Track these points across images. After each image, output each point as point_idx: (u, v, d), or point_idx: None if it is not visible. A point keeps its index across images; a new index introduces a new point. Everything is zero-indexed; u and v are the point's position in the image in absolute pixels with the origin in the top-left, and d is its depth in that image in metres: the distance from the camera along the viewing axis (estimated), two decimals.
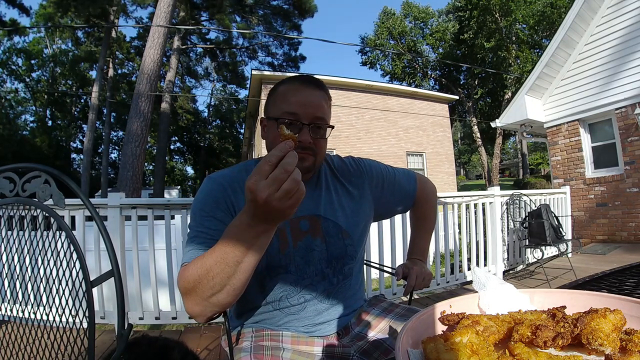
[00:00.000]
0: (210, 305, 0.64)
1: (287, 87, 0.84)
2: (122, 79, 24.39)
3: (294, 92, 0.82)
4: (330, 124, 0.85)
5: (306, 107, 0.80)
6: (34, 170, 0.89)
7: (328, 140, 0.87)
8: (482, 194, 3.83)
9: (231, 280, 0.61)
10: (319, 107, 0.82)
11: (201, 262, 0.63)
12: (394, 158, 12.86)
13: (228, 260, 0.59)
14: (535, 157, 28.09)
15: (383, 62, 25.16)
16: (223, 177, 0.84)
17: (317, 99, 0.82)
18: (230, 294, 0.63)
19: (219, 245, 0.60)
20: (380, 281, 3.00)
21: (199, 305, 0.65)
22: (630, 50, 5.06)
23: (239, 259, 0.59)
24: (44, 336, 0.86)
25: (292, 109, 0.80)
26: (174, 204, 2.54)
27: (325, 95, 0.85)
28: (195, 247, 0.73)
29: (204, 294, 0.63)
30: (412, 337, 0.44)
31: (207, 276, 0.61)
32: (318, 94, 0.83)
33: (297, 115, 0.79)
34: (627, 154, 5.26)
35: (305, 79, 0.85)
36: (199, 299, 0.64)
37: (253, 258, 0.60)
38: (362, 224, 0.92)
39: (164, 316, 2.50)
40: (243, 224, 0.57)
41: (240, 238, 0.58)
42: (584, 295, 0.51)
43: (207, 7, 18.87)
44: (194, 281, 0.63)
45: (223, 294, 0.62)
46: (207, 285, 0.61)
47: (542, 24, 18.00)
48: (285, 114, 0.80)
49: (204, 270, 0.61)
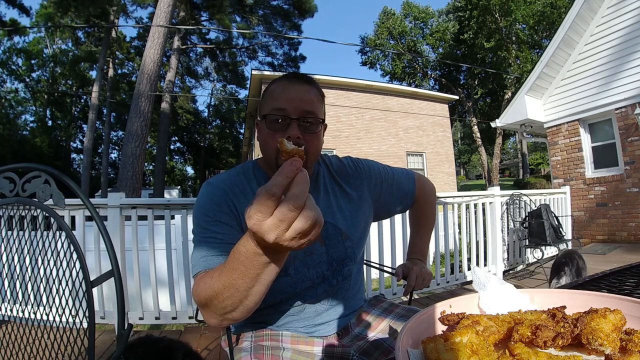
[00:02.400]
0: (226, 320, 0.62)
1: (276, 85, 0.83)
2: (122, 79, 24.38)
3: (282, 89, 0.80)
4: (321, 119, 0.82)
5: (294, 101, 0.78)
6: (34, 170, 0.89)
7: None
8: (482, 194, 3.83)
9: (244, 302, 0.57)
10: (307, 101, 0.79)
11: (210, 284, 0.59)
12: (394, 158, 12.85)
13: (238, 286, 0.55)
14: (535, 157, 28.09)
15: (383, 62, 25.18)
16: (222, 181, 0.83)
17: (307, 94, 0.80)
18: (244, 312, 0.60)
19: (227, 270, 0.55)
20: (380, 281, 3.00)
21: (214, 319, 0.63)
22: (630, 50, 5.06)
23: (249, 285, 0.54)
24: (44, 336, 0.86)
25: (280, 104, 0.78)
26: (174, 204, 2.54)
27: (316, 90, 0.83)
28: (207, 253, 0.71)
29: (216, 312, 0.61)
30: (412, 337, 0.44)
31: (217, 297, 0.58)
32: (307, 88, 0.81)
33: (285, 110, 0.78)
34: (627, 154, 5.26)
35: (294, 76, 0.84)
36: (213, 314, 0.62)
37: (265, 282, 0.54)
38: (361, 226, 0.92)
39: (164, 316, 2.50)
40: (249, 252, 0.50)
41: (249, 266, 0.51)
42: (584, 295, 0.51)
43: (207, 7, 18.85)
44: (205, 299, 0.61)
45: (237, 312, 0.60)
46: (219, 306, 0.59)
47: (542, 24, 18.01)
48: (274, 110, 0.78)
49: (213, 292, 0.58)
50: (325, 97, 0.87)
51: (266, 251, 0.48)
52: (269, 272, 0.52)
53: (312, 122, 0.80)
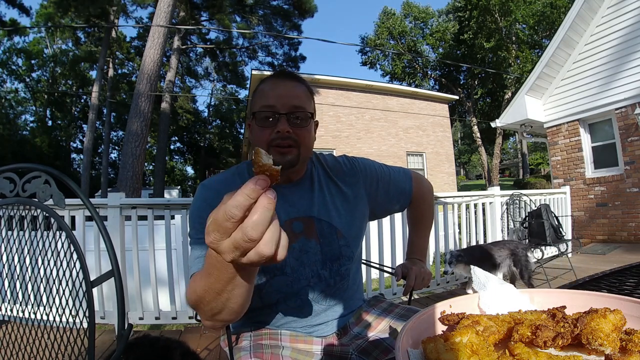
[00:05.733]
0: (217, 321, 0.62)
1: (264, 84, 0.84)
2: (122, 79, 24.38)
3: (271, 86, 0.82)
4: (310, 113, 0.83)
5: (283, 97, 0.79)
6: (34, 170, 0.89)
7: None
8: (482, 194, 3.83)
9: (227, 304, 0.56)
10: (296, 96, 0.81)
11: (194, 288, 0.59)
12: (393, 158, 12.85)
13: (216, 289, 0.53)
14: (535, 157, 28.09)
15: (383, 62, 25.18)
16: (217, 183, 0.84)
17: (294, 90, 0.82)
18: (231, 314, 0.60)
19: (205, 274, 0.54)
20: (380, 281, 3.00)
21: (207, 321, 0.64)
22: (630, 50, 5.06)
23: (227, 288, 0.53)
24: (44, 336, 0.86)
25: (269, 101, 0.80)
26: (174, 204, 2.54)
27: (304, 86, 0.85)
28: (201, 254, 0.72)
29: (205, 314, 0.61)
30: (412, 337, 0.44)
31: (202, 302, 0.58)
32: (295, 84, 0.83)
33: (274, 107, 0.79)
34: (627, 154, 5.26)
35: (282, 74, 0.85)
36: (204, 316, 0.62)
37: (242, 286, 0.52)
38: (357, 224, 0.92)
39: (164, 316, 2.50)
40: (219, 259, 0.46)
41: (222, 270, 0.49)
42: (584, 295, 0.51)
43: (207, 7, 18.86)
44: (193, 303, 0.61)
45: (224, 314, 0.59)
46: (205, 308, 0.59)
47: (542, 24, 18.00)
48: (263, 107, 0.80)
49: (197, 297, 0.58)
50: (314, 95, 0.88)
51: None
52: (244, 276, 0.50)
53: (301, 116, 0.81)
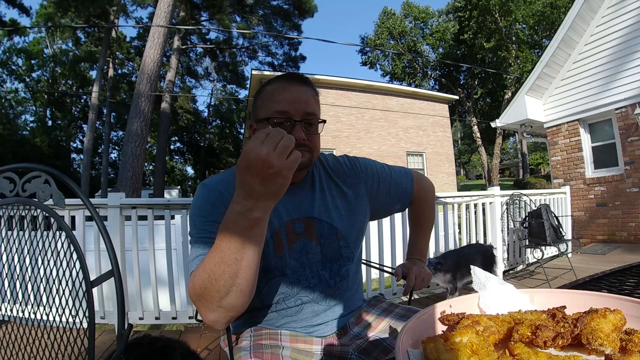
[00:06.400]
0: (223, 310, 0.63)
1: (273, 87, 0.83)
2: (122, 79, 24.36)
3: (281, 91, 0.81)
4: (321, 119, 0.84)
5: (295, 104, 0.79)
6: (34, 170, 0.89)
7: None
8: (482, 194, 3.83)
9: (236, 281, 0.59)
10: (308, 102, 0.81)
11: (202, 267, 0.62)
12: (394, 158, 12.85)
13: (226, 259, 0.58)
14: (535, 157, 28.08)
15: (383, 62, 25.18)
16: (218, 182, 0.84)
17: (306, 95, 0.82)
18: (239, 296, 0.61)
19: (215, 246, 0.59)
20: (380, 281, 3.00)
21: (212, 313, 0.64)
22: (630, 50, 5.06)
23: (237, 256, 0.58)
24: (44, 336, 0.86)
25: (282, 107, 0.79)
26: (174, 204, 2.54)
27: (313, 90, 0.85)
28: (202, 252, 0.72)
29: (212, 299, 0.61)
30: (412, 337, 0.44)
31: (210, 280, 0.60)
32: (306, 89, 0.83)
33: (287, 113, 0.79)
34: (627, 154, 5.26)
35: (291, 77, 0.84)
36: (210, 305, 0.63)
37: (251, 252, 0.59)
38: (357, 225, 0.91)
39: (164, 316, 2.50)
40: (234, 214, 0.57)
41: (234, 232, 0.57)
42: (584, 295, 0.51)
43: (207, 7, 18.84)
44: (200, 287, 0.62)
45: (231, 296, 0.61)
46: (213, 289, 0.60)
47: (542, 24, 18.00)
48: (276, 113, 0.79)
49: (206, 275, 0.60)
50: (319, 95, 0.89)
51: (251, 201, 0.56)
52: (254, 239, 0.58)
53: (314, 123, 0.82)
